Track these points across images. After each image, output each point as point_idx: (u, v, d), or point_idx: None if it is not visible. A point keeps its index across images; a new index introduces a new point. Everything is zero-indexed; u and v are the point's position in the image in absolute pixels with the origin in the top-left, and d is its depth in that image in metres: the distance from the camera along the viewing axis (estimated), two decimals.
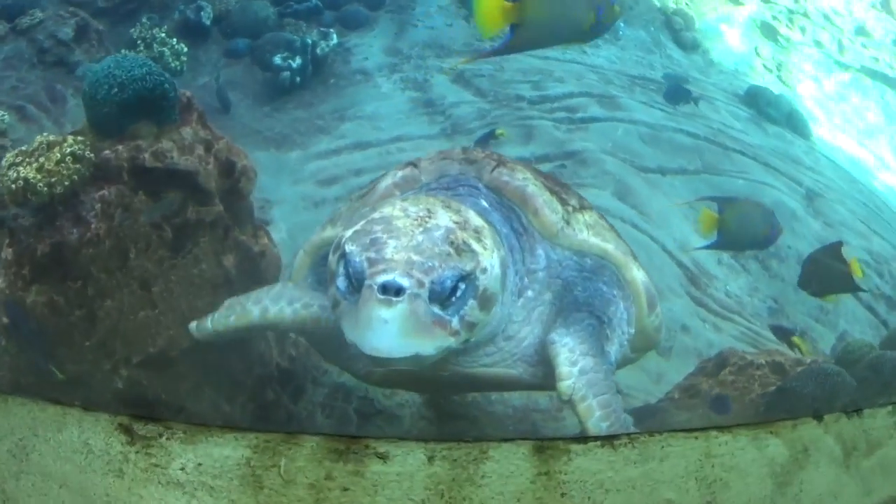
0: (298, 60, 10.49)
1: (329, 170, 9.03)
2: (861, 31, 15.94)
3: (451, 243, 3.40)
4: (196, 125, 4.42)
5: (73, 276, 4.16)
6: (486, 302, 3.50)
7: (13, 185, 4.04)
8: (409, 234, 3.38)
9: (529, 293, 3.96)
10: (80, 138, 4.22)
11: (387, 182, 4.11)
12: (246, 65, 10.76)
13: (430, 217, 3.51)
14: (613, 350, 4.15)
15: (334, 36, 11.12)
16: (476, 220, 3.67)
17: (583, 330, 3.97)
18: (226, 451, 2.89)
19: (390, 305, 3.19)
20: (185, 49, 10.19)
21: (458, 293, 3.37)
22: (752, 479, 3.37)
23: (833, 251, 5.79)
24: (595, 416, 3.80)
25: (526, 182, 4.05)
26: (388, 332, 3.18)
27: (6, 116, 6.01)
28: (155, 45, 10.03)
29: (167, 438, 2.97)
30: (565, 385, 3.83)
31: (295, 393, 5.29)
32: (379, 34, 11.71)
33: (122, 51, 9.36)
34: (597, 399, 3.81)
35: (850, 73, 14.96)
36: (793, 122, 12.42)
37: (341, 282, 3.42)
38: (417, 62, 11.26)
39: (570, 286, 4.07)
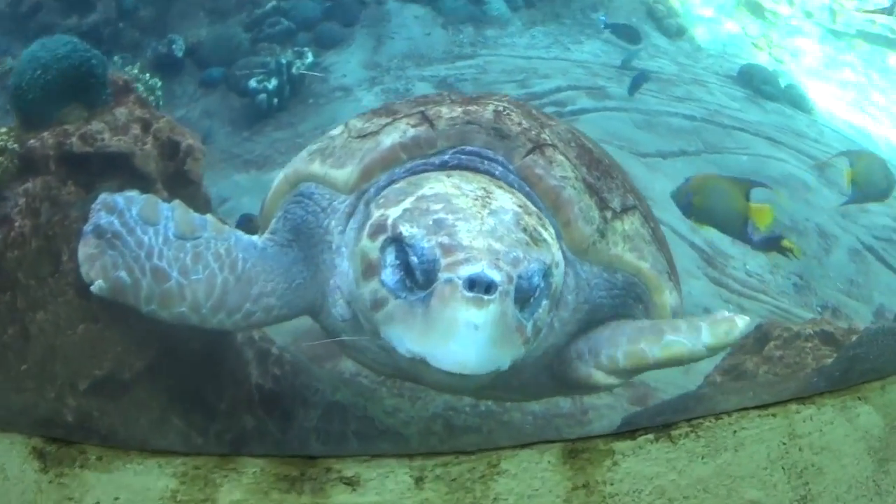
0: (274, 81, 10.03)
1: None
2: None
3: (524, 230, 2.78)
4: (133, 105, 3.64)
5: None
6: (554, 303, 2.95)
7: None
8: (478, 216, 2.76)
9: (556, 323, 3.22)
10: (2, 130, 3.60)
11: (393, 138, 3.29)
12: (222, 92, 10.33)
13: (489, 197, 2.91)
14: None
15: (310, 54, 10.64)
16: (532, 207, 3.05)
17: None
18: (147, 481, 2.05)
19: (481, 306, 2.49)
20: (160, 83, 9.55)
21: (538, 292, 2.74)
22: (848, 460, 2.66)
23: (739, 185, 5.08)
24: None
25: (563, 183, 3.23)
26: (476, 341, 2.49)
27: None
28: None
29: (81, 466, 2.22)
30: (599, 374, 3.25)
31: (283, 418, 4.43)
32: (356, 50, 11.20)
33: None
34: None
35: (846, 41, 14.35)
36: (791, 97, 11.93)
37: (390, 275, 2.71)
38: (398, 73, 10.77)
39: (596, 310, 3.35)
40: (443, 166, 3.24)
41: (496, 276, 2.51)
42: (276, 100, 9.92)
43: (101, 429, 3.47)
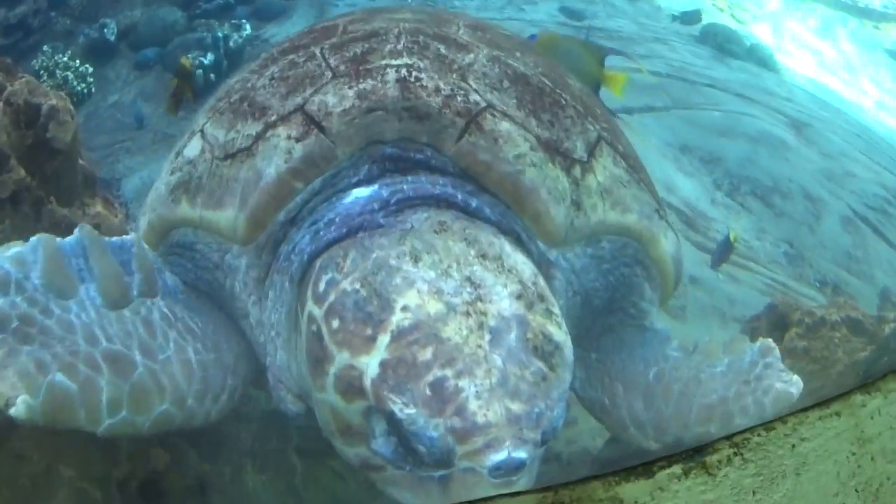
0: (210, 56, 9.28)
1: None
2: None
3: (535, 349, 2.15)
4: None
5: None
6: None
7: None
8: (479, 353, 2.08)
9: None
10: None
11: (277, 165, 2.44)
12: (157, 74, 9.64)
13: (480, 297, 2.17)
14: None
15: (247, 26, 9.93)
16: (524, 267, 2.33)
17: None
18: None
19: (510, 487, 2.06)
20: (91, 70, 9.22)
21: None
22: None
23: (593, 49, 4.55)
24: None
25: (520, 165, 2.50)
26: None
27: None
28: (58, 72, 9.06)
29: None
30: None
31: (209, 444, 3.55)
32: (298, 21, 10.33)
33: None
34: None
35: (807, 3, 13.86)
36: (756, 56, 11.27)
37: (383, 445, 2.14)
38: None
39: (589, 298, 2.80)
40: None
41: (523, 455, 2.03)
42: (213, 75, 9.07)
43: None
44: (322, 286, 2.23)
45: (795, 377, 2.68)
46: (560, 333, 2.22)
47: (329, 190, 2.48)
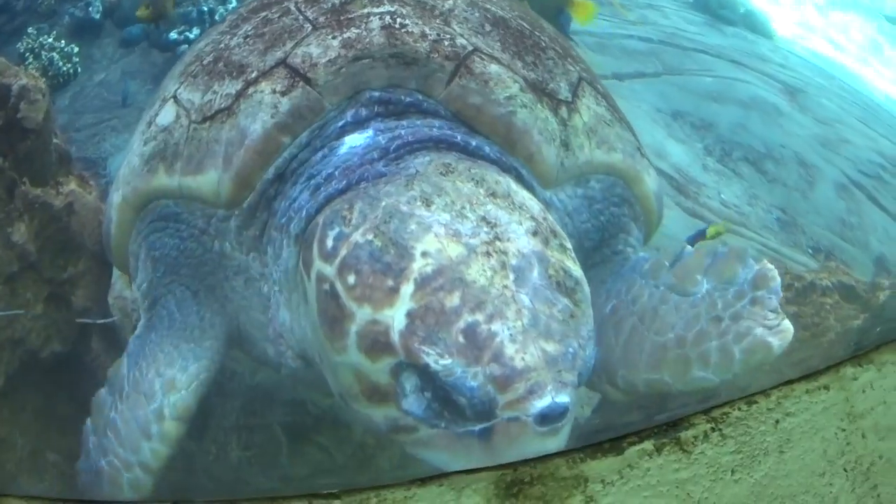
0: (196, 31, 9.17)
1: None
2: None
3: (559, 286, 2.12)
4: None
5: None
6: None
7: None
8: (506, 295, 2.03)
9: None
10: None
11: (263, 121, 2.44)
12: (143, 51, 9.58)
13: (498, 236, 2.13)
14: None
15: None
16: (532, 203, 2.32)
17: None
18: None
19: (557, 433, 2.01)
20: (77, 49, 9.17)
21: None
22: None
23: None
24: None
25: (511, 106, 2.51)
26: None
27: None
28: (43, 53, 9.04)
29: None
30: None
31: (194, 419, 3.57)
32: None
33: None
34: None
35: None
36: (751, 23, 11.09)
37: (415, 403, 2.08)
38: None
39: (581, 239, 2.79)
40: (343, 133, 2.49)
41: (566, 399, 1.98)
42: None
43: None
44: (330, 242, 2.18)
45: (785, 323, 2.45)
46: (577, 268, 2.20)
47: (316, 141, 2.47)
